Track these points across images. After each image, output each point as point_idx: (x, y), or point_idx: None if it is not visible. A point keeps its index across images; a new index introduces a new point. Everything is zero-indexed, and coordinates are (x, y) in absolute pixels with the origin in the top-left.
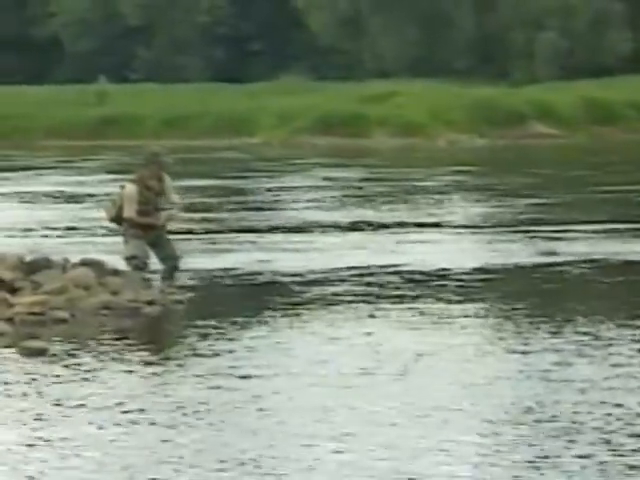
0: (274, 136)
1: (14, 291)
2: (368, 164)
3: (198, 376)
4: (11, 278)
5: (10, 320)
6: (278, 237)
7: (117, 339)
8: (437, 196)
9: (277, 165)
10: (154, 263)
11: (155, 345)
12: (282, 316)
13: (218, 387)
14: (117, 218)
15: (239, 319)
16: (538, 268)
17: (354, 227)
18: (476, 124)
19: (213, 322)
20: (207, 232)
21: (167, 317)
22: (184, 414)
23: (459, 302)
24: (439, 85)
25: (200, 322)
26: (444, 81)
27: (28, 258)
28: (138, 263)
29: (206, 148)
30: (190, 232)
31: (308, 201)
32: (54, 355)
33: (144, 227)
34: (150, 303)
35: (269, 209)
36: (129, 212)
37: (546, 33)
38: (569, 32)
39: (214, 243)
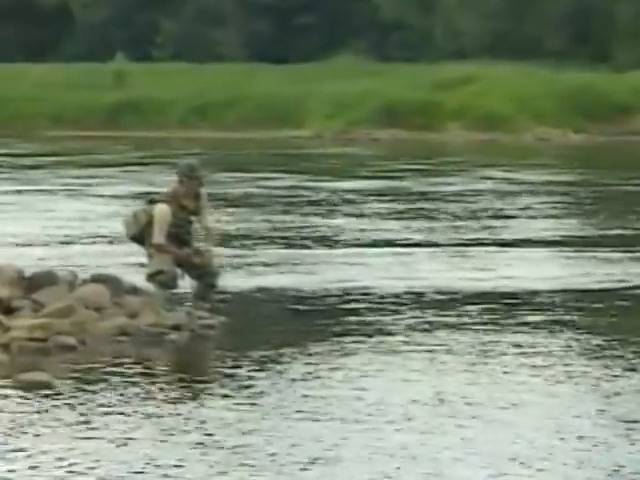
0: (326, 128)
1: (11, 312)
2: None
3: (208, 435)
4: (7, 296)
5: (6, 347)
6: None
7: (134, 372)
8: None
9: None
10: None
11: (174, 381)
12: (327, 351)
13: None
14: (139, 237)
15: (273, 352)
16: None
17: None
18: (570, 117)
19: (245, 354)
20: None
21: (194, 346)
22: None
23: None
24: (526, 69)
25: (230, 353)
26: (533, 64)
27: (28, 272)
28: (166, 279)
29: (247, 141)
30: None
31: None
32: (57, 391)
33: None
34: (175, 328)
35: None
36: (159, 238)
37: None
38: None
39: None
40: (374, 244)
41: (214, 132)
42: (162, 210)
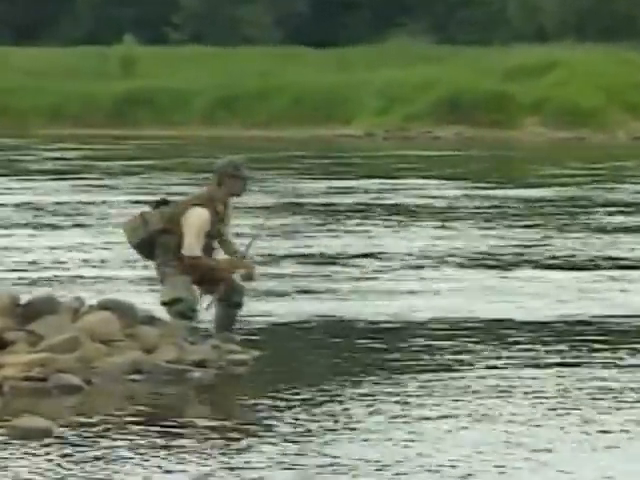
0: (378, 125)
1: (3, 346)
2: None
3: None
4: None
5: None
6: None
7: (149, 418)
8: None
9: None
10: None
11: (195, 431)
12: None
13: None
14: (147, 245)
15: (313, 395)
16: None
17: None
18: None
19: (284, 395)
20: None
21: (222, 386)
22: None
23: None
24: (618, 53)
25: (265, 395)
26: (625, 47)
27: (24, 299)
28: (184, 309)
29: (286, 141)
30: None
31: None
32: (58, 440)
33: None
34: (200, 364)
35: None
36: (194, 249)
37: None
38: None
39: None
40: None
41: (243, 130)
42: (202, 216)
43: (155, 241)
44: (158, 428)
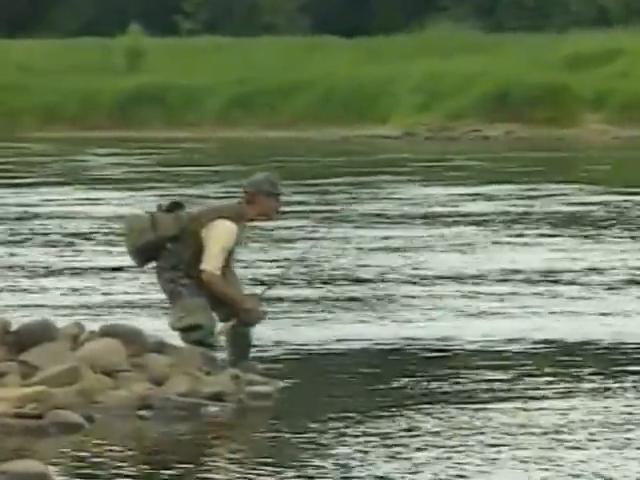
0: (419, 123)
1: None
2: None
3: None
4: None
5: None
6: None
7: (158, 459)
8: None
9: None
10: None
11: (210, 475)
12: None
13: None
14: (152, 250)
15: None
16: None
17: None
18: None
19: (312, 435)
20: None
21: (241, 422)
22: None
23: None
24: None
25: (282, 435)
26: None
27: (15, 325)
28: (203, 336)
29: (316, 143)
30: None
31: None
32: None
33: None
34: (216, 398)
35: None
36: (215, 265)
37: None
38: None
39: None
40: None
41: (264, 131)
42: (231, 231)
43: (162, 247)
44: (169, 471)
